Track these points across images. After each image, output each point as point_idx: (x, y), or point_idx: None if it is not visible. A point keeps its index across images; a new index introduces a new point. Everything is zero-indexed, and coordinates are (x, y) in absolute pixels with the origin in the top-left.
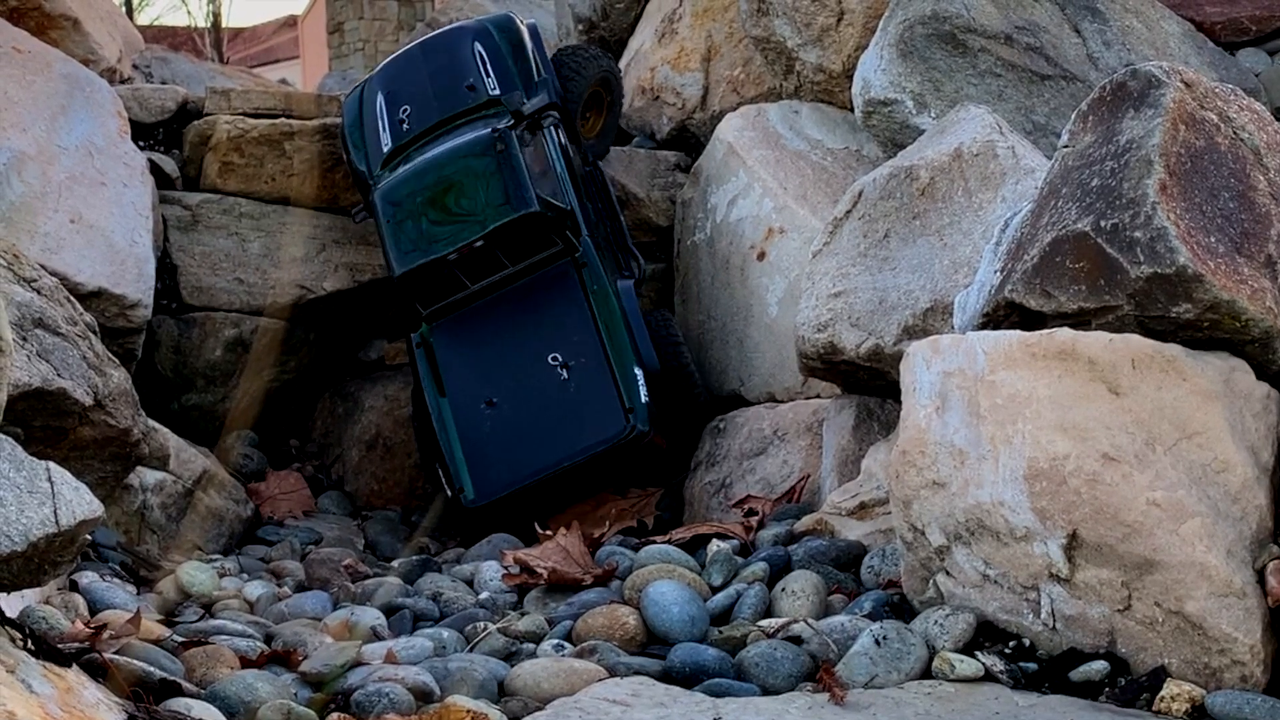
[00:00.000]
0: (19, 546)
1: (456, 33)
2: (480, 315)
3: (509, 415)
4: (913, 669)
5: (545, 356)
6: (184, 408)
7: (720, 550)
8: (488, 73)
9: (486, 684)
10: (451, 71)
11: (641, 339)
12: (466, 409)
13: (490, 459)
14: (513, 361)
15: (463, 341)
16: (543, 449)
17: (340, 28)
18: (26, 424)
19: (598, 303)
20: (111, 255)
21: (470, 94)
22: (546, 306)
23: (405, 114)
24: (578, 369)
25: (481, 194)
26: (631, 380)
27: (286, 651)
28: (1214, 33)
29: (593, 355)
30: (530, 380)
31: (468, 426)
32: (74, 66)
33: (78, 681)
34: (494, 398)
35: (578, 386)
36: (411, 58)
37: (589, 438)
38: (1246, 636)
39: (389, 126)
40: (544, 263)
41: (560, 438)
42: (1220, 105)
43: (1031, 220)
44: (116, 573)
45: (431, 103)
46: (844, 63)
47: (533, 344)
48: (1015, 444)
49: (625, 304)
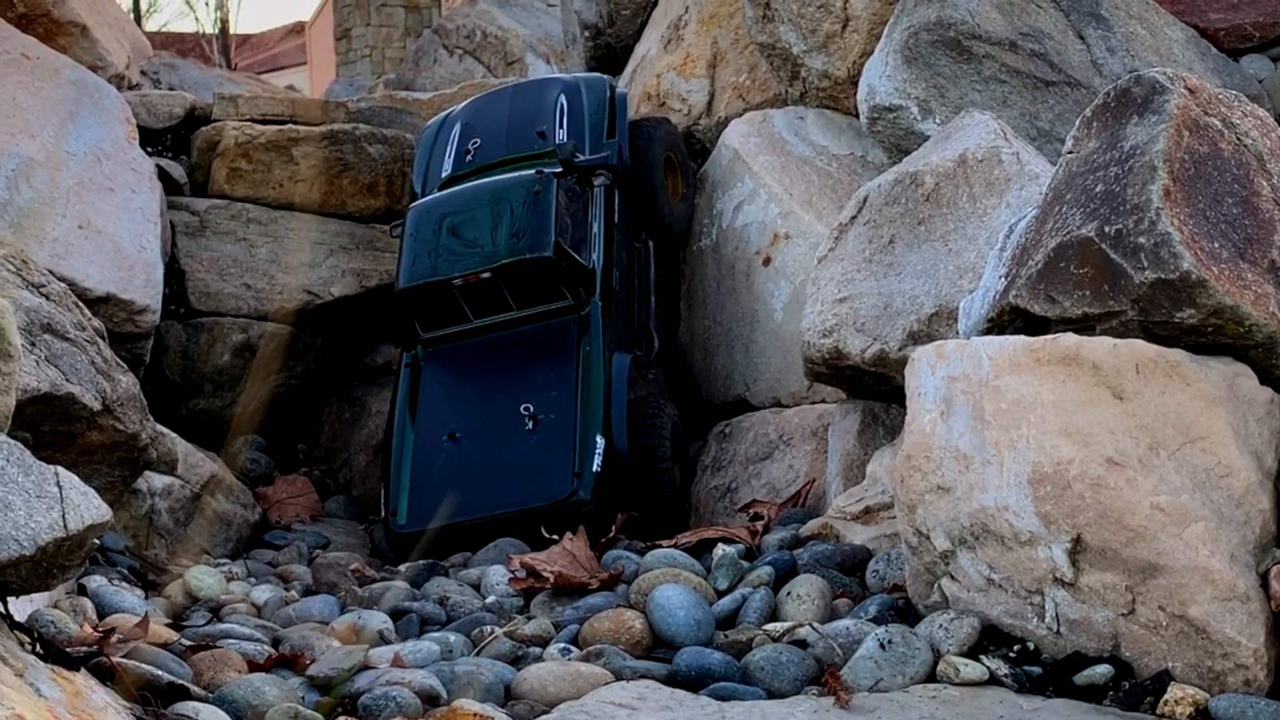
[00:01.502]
0: (27, 551)
1: (549, 82)
2: (472, 351)
3: (466, 453)
4: (917, 673)
5: (519, 405)
6: (192, 412)
7: (726, 554)
8: (561, 124)
9: (493, 687)
10: (529, 116)
11: (617, 413)
12: (428, 437)
13: (431, 490)
14: (488, 402)
15: (449, 372)
16: (484, 494)
17: (348, 34)
18: (35, 429)
19: (585, 365)
20: (120, 261)
21: (539, 140)
22: (537, 357)
23: (474, 146)
24: (544, 424)
25: (504, 229)
26: (590, 448)
27: (294, 655)
28: (1218, 39)
29: (562, 414)
30: (497, 424)
31: (424, 454)
32: (82, 73)
33: (86, 685)
34: (458, 433)
35: (539, 441)
36: (499, 97)
37: (531, 494)
38: (1250, 640)
39: (454, 155)
40: (548, 315)
41: (505, 487)
42: (1224, 111)
43: (1036, 226)
44: (125, 577)
45: (501, 141)
46: (849, 69)
47: (512, 390)
48: (1019, 449)
49: (613, 374)
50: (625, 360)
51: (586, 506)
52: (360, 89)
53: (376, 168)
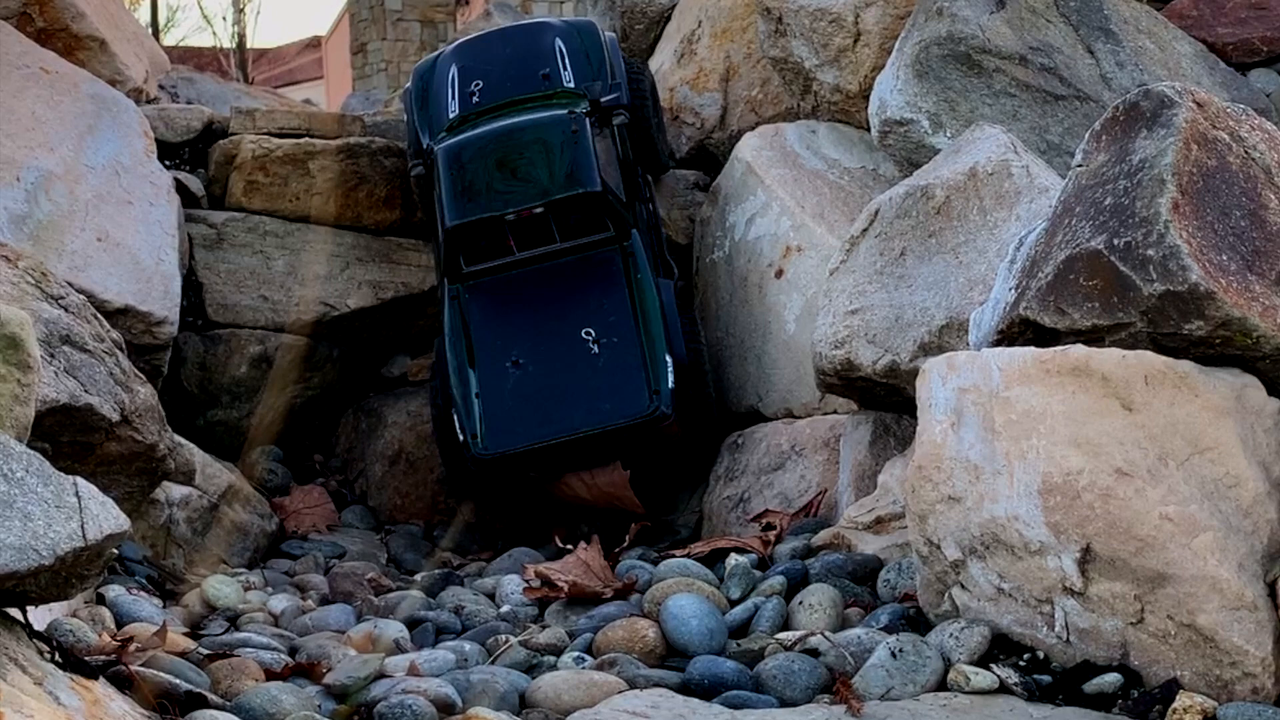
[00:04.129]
0: (47, 560)
1: (539, 26)
2: (520, 282)
3: (534, 377)
4: (928, 681)
5: (579, 331)
6: (209, 423)
7: (739, 564)
8: (565, 66)
9: (508, 696)
10: (529, 59)
11: (675, 332)
12: (490, 365)
13: (509, 414)
14: (545, 330)
15: (498, 303)
16: (564, 414)
17: (364, 49)
18: (54, 439)
19: (639, 291)
20: (138, 273)
21: (544, 82)
22: (587, 286)
23: (476, 88)
24: (608, 347)
25: (549, 166)
26: (661, 366)
27: (311, 664)
28: (1226, 53)
29: (626, 337)
30: (560, 349)
31: (490, 381)
32: (101, 87)
33: (105, 693)
34: (521, 359)
35: (607, 363)
36: (490, 41)
37: (612, 412)
38: (1258, 649)
39: (458, 96)
40: (593, 245)
41: (583, 407)
42: (1232, 125)
43: (1046, 238)
44: (143, 586)
45: (505, 83)
46: (861, 83)
47: (568, 317)
48: (1029, 459)
49: (664, 297)
50: (670, 285)
51: (668, 420)
52: (376, 103)
53: (392, 181)
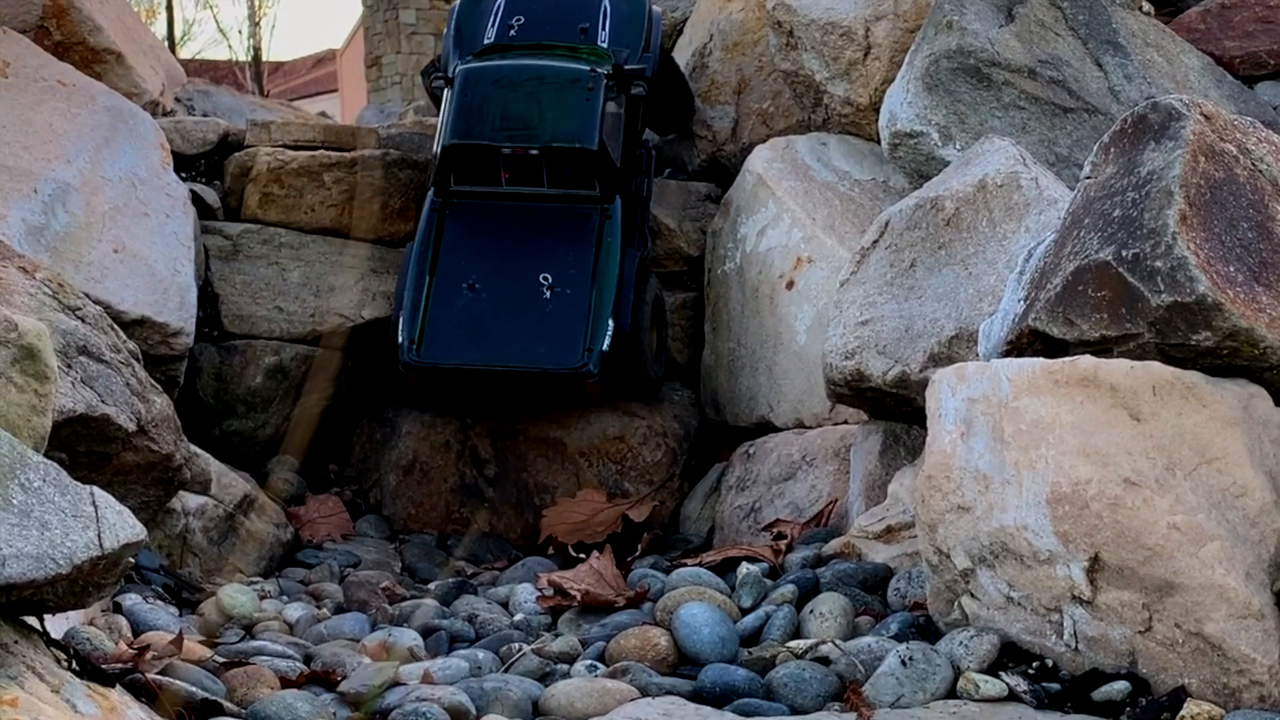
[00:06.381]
0: (64, 569)
1: None
2: (499, 214)
3: (484, 304)
4: (938, 689)
5: (538, 274)
6: (225, 433)
7: (750, 573)
8: (604, 27)
9: (521, 704)
10: (575, 10)
11: (625, 302)
12: (448, 281)
13: (449, 332)
14: (509, 265)
15: (473, 226)
16: (500, 346)
17: (378, 62)
18: (71, 449)
19: (605, 254)
20: (154, 284)
21: (581, 36)
22: (559, 235)
23: (517, 22)
24: (560, 296)
25: (556, 115)
26: (602, 328)
27: (326, 672)
28: (1233, 66)
29: (579, 292)
30: (516, 286)
31: (443, 295)
32: (118, 99)
33: (121, 701)
34: (477, 284)
35: (554, 310)
36: None
37: (544, 356)
38: (1265, 657)
39: (498, 26)
40: (574, 199)
41: (520, 344)
42: (1239, 137)
43: (1054, 250)
44: (159, 595)
45: (544, 26)
46: (871, 96)
47: (532, 259)
48: (1038, 469)
49: (626, 267)
50: (636, 256)
51: (592, 379)
52: (391, 115)
53: (406, 193)
